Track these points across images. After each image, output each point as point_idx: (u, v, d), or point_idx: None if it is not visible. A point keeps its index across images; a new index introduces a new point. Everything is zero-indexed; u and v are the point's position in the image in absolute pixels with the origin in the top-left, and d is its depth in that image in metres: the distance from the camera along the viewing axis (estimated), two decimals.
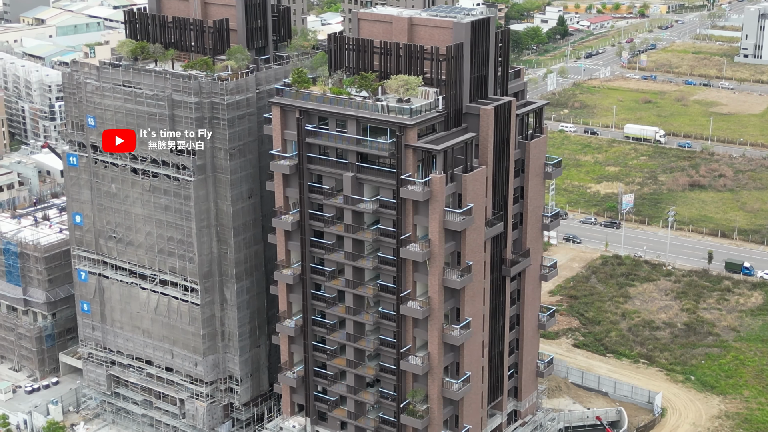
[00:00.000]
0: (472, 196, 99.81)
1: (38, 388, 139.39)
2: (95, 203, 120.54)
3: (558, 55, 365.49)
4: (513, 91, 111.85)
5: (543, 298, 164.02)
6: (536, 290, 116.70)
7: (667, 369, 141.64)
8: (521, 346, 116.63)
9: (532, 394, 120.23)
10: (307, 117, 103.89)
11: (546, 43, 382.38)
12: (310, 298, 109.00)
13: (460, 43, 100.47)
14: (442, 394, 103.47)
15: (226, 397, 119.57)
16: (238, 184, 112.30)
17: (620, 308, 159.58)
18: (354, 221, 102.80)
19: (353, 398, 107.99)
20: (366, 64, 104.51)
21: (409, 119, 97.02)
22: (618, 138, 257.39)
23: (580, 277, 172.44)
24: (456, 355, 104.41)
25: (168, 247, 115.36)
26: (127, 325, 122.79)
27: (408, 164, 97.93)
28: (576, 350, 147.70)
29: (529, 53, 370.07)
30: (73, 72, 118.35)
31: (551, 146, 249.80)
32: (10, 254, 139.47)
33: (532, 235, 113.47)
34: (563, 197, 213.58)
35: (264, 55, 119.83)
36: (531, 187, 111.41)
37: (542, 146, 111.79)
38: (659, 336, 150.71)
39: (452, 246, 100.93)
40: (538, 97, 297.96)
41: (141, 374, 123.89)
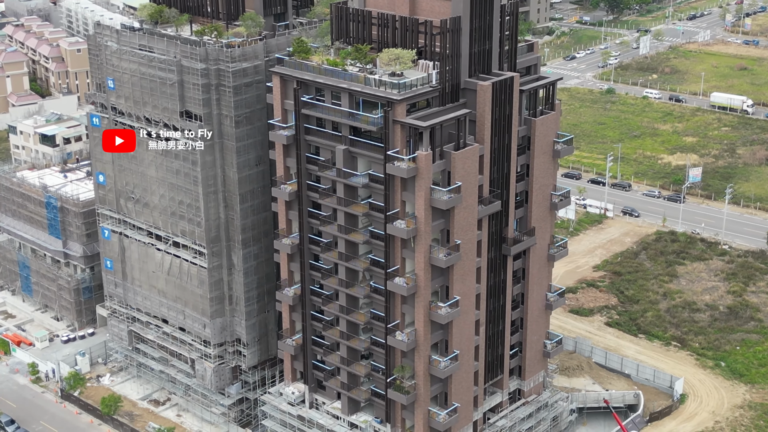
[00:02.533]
0: (461, 174, 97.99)
1: (74, 338, 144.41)
2: (116, 164, 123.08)
3: (660, 17, 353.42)
4: (524, 65, 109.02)
5: (586, 273, 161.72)
6: (543, 270, 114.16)
7: (698, 353, 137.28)
8: (525, 325, 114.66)
9: (538, 373, 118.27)
10: (305, 88, 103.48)
11: (650, 3, 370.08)
12: (308, 268, 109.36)
13: (456, 16, 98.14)
14: (428, 371, 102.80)
15: (234, 360, 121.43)
16: (245, 152, 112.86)
17: (663, 287, 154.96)
18: (347, 194, 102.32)
19: (346, 369, 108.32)
20: (365, 36, 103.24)
21: (397, 94, 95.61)
22: (703, 107, 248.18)
23: (630, 252, 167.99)
24: (445, 332, 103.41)
25: (179, 210, 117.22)
26: (145, 284, 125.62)
27: (396, 140, 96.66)
28: (608, 329, 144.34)
29: (631, 13, 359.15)
30: (96, 34, 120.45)
31: (631, 113, 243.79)
32: (52, 208, 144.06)
33: (539, 213, 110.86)
34: (631, 167, 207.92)
35: (283, 21, 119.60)
36: (537, 165, 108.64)
37: (551, 123, 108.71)
38: (697, 318, 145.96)
39: (441, 224, 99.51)
40: (629, 60, 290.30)
41: (158, 332, 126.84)
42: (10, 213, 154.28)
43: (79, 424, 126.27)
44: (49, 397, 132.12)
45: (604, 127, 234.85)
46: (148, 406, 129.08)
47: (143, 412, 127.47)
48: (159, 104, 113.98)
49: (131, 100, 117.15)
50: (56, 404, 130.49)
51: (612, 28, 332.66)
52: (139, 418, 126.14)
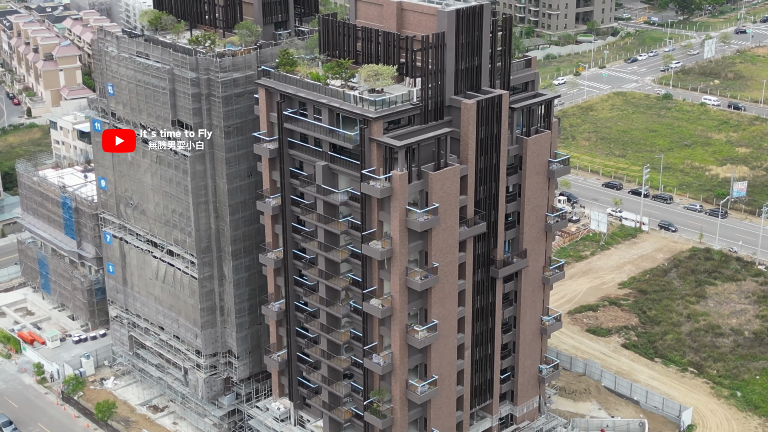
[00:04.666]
0: (440, 195, 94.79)
1: (85, 339, 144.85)
2: (116, 169, 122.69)
3: (732, 18, 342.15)
4: (521, 81, 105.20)
5: (610, 290, 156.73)
6: (537, 293, 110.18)
7: (714, 381, 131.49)
8: (518, 349, 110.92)
9: (532, 399, 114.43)
10: (288, 101, 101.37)
11: (723, 3, 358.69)
12: (293, 283, 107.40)
13: (440, 32, 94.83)
14: (406, 395, 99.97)
15: (226, 371, 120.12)
16: (236, 162, 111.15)
17: (689, 308, 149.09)
18: (327, 212, 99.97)
19: (327, 389, 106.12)
20: (349, 49, 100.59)
21: (373, 111, 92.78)
22: (763, 115, 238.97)
23: (659, 270, 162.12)
24: (424, 356, 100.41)
25: (172, 219, 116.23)
26: (143, 290, 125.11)
27: (373, 158, 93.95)
28: (623, 351, 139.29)
29: (702, 14, 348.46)
30: (98, 39, 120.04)
31: (686, 120, 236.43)
32: (67, 208, 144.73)
33: (532, 235, 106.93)
34: (676, 178, 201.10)
35: (285, 30, 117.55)
36: (529, 185, 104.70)
37: (544, 142, 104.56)
38: (719, 344, 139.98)
39: (419, 245, 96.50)
40: (692, 64, 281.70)
41: (155, 339, 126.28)
42: (32, 211, 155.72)
43: (76, 428, 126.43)
44: (52, 398, 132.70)
45: (655, 135, 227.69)
46: (146, 413, 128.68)
47: (140, 419, 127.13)
48: (153, 112, 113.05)
49: (128, 106, 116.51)
50: (57, 406, 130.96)
51: (680, 30, 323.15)
52: (135, 425, 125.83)
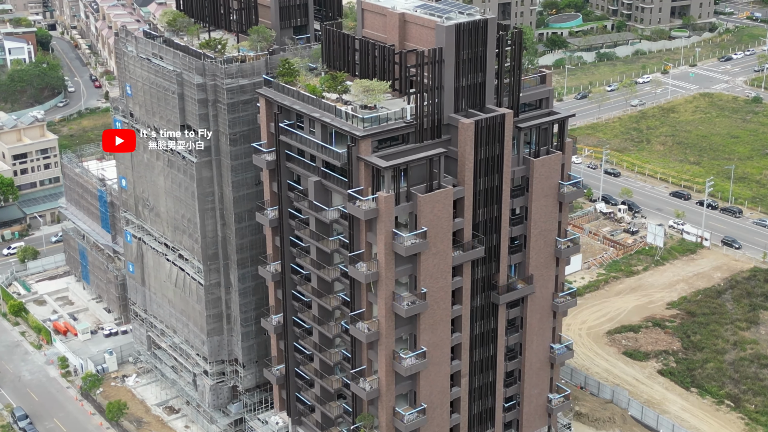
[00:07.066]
0: (429, 218, 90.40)
1: (116, 333, 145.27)
2: (135, 170, 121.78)
3: None
4: (533, 98, 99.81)
5: (657, 309, 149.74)
6: (545, 320, 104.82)
7: (751, 417, 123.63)
8: (523, 377, 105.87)
9: (540, 429, 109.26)
10: (285, 113, 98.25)
11: None
12: (290, 297, 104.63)
13: (438, 48, 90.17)
14: (392, 423, 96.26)
15: (233, 379, 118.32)
16: (242, 170, 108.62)
17: (737, 335, 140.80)
18: (319, 228, 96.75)
19: (320, 409, 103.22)
20: (349, 62, 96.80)
21: (361, 129, 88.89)
22: None
23: (713, 290, 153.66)
24: (413, 383, 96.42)
25: (182, 224, 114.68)
26: (158, 292, 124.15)
27: (361, 177, 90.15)
28: (658, 377, 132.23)
29: None
30: (119, 39, 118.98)
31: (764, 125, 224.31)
32: (103, 201, 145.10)
33: (540, 260, 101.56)
34: (750, 190, 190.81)
35: (304, 34, 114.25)
36: (537, 208, 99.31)
37: (554, 164, 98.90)
38: (763, 375, 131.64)
39: (408, 269, 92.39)
40: None
41: (169, 341, 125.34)
42: (74, 202, 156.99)
43: (89, 426, 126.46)
44: (72, 393, 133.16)
45: (736, 141, 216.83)
46: (161, 414, 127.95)
47: (153, 420, 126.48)
48: (165, 115, 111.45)
49: (144, 107, 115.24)
50: (75, 402, 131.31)
51: None
52: (147, 426, 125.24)
